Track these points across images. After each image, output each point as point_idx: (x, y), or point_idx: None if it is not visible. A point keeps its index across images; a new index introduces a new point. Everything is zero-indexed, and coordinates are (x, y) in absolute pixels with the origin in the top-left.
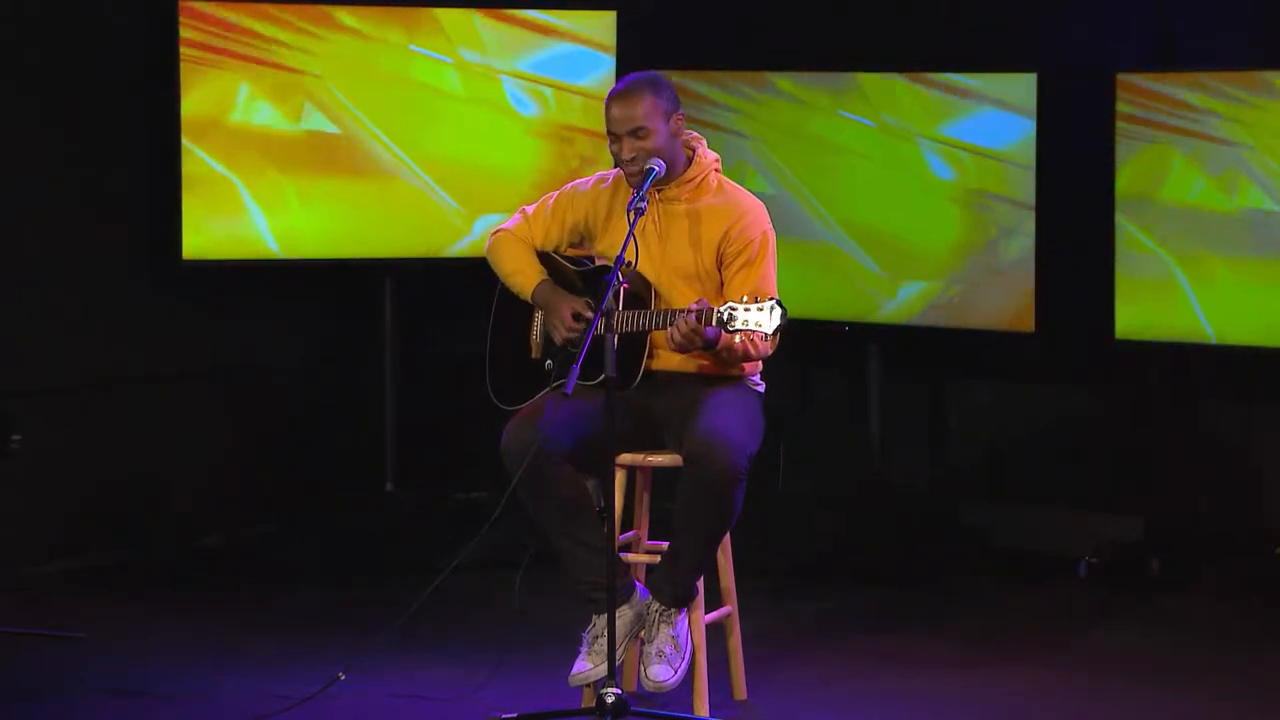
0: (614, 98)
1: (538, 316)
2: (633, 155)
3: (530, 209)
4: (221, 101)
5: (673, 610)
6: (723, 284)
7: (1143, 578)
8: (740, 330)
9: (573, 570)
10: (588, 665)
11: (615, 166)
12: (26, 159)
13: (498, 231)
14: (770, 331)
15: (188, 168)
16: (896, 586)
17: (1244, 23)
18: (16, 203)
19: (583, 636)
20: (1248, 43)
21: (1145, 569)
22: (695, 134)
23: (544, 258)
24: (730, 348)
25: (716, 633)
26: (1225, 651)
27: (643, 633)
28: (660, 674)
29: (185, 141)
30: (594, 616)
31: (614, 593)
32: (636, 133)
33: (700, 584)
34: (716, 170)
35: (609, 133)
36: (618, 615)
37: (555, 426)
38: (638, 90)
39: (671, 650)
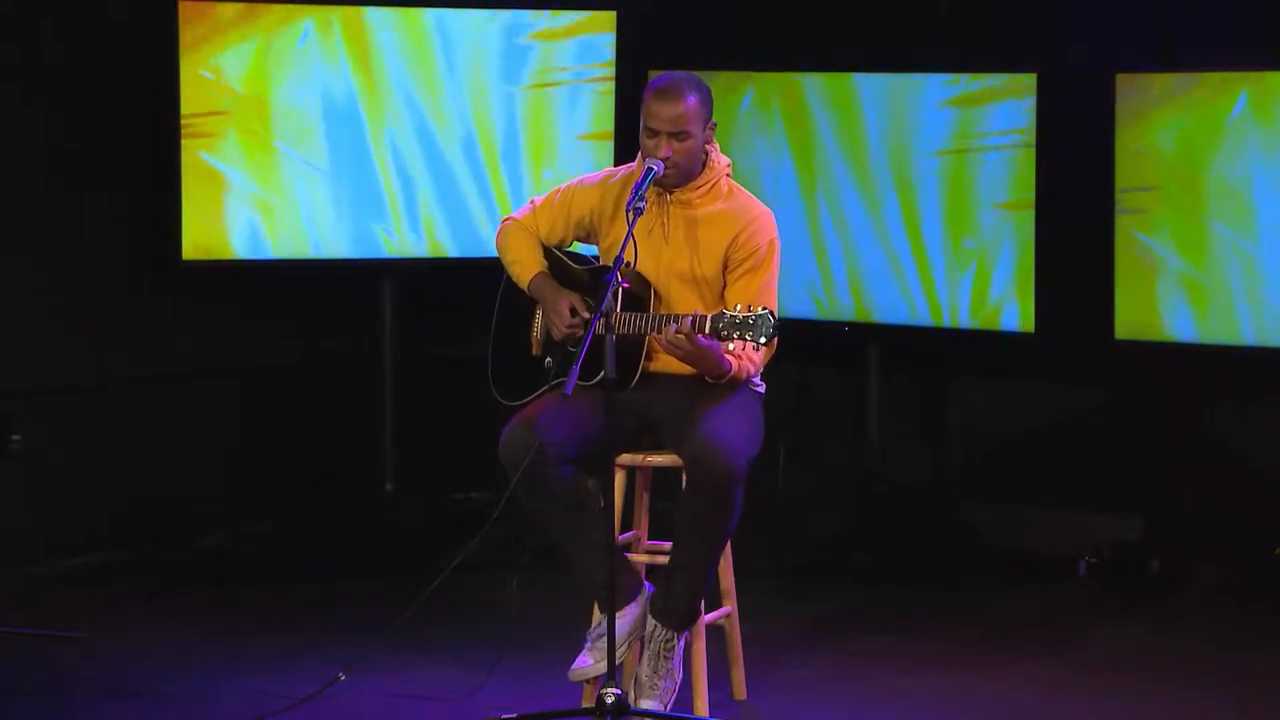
0: (661, 94)
1: (539, 314)
2: (670, 155)
3: (539, 200)
4: (222, 100)
5: (673, 637)
6: (724, 288)
7: (1143, 578)
8: (729, 339)
9: (578, 570)
10: (589, 660)
11: (633, 159)
12: (27, 159)
13: (506, 220)
14: (763, 342)
15: (188, 167)
16: (896, 586)
17: (1243, 23)
18: (16, 203)
19: (587, 634)
20: (1247, 42)
21: (1145, 569)
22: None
23: (548, 253)
24: (721, 359)
25: (716, 633)
26: (1225, 651)
27: (644, 635)
28: (650, 707)
29: (185, 140)
30: (599, 614)
31: (614, 593)
32: (678, 134)
33: (701, 605)
34: (727, 175)
35: (647, 127)
36: (624, 614)
37: (555, 427)
38: (687, 91)
39: (666, 683)
